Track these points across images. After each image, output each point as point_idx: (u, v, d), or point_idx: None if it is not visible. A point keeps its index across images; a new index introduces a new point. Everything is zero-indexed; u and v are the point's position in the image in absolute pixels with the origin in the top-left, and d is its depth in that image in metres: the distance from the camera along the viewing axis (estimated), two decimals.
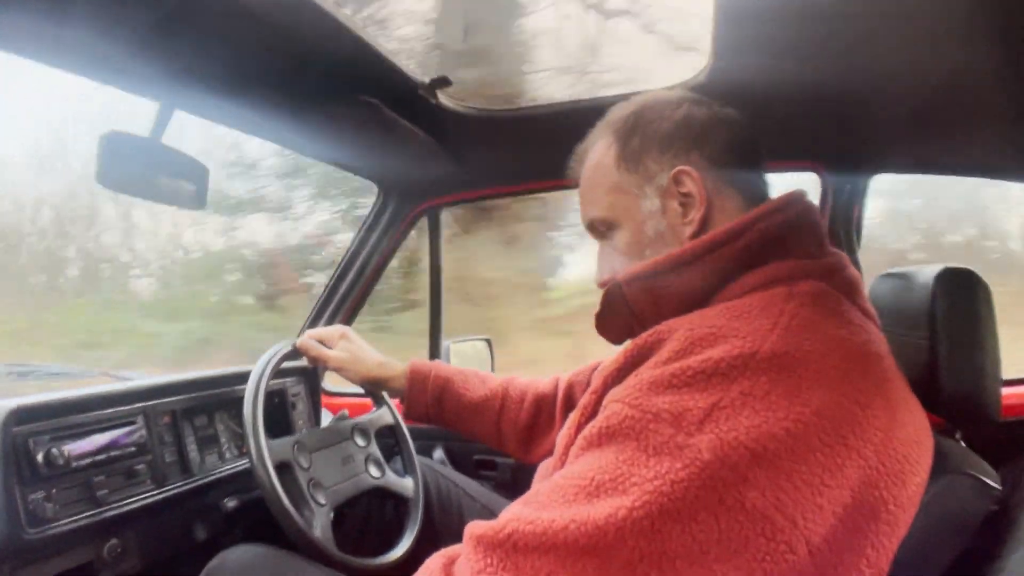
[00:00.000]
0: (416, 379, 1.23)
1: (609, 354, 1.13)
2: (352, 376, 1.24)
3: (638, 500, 0.52)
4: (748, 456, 0.52)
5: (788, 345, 0.57)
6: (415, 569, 0.69)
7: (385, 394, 1.35)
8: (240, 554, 0.97)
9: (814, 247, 0.71)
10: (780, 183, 0.81)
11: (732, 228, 0.69)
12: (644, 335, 0.66)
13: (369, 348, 1.27)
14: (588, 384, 1.14)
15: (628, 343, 0.84)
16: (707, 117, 0.76)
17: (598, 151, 0.81)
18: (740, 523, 0.51)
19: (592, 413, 0.65)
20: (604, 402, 0.62)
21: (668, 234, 0.75)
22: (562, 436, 0.69)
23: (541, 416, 1.19)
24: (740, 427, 0.53)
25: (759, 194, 0.76)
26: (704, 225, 0.73)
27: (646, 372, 0.60)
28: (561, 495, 0.57)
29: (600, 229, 0.82)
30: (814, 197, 0.93)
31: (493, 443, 1.23)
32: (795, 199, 0.73)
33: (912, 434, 0.63)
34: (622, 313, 0.74)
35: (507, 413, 1.20)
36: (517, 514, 0.58)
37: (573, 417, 0.68)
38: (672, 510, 0.51)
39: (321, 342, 1.26)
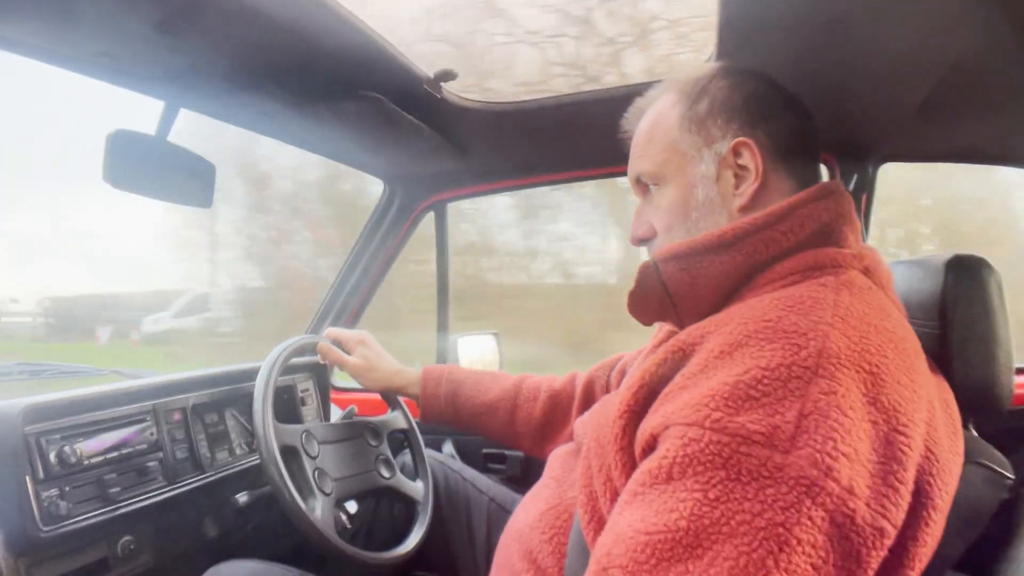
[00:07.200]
0: (429, 384, 1.23)
1: (628, 348, 1.15)
2: (368, 383, 1.26)
3: (755, 541, 0.47)
4: (847, 463, 0.49)
5: (849, 339, 0.55)
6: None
7: (399, 396, 1.36)
8: (233, 569, 0.98)
9: (852, 237, 0.71)
10: None
11: (774, 212, 0.68)
12: (689, 330, 0.64)
13: (386, 354, 1.28)
14: (608, 380, 1.13)
15: (665, 334, 0.82)
16: (777, 98, 0.76)
17: (661, 106, 0.79)
18: (851, 540, 0.49)
19: (634, 411, 0.63)
20: (658, 419, 0.58)
21: (717, 202, 0.73)
22: (596, 426, 0.68)
23: (556, 412, 1.19)
24: (832, 430, 0.50)
25: (810, 183, 0.75)
26: (754, 201, 0.72)
27: (706, 382, 0.56)
28: (653, 554, 0.51)
29: (646, 183, 0.80)
30: None
31: (508, 441, 1.23)
32: (835, 188, 0.72)
33: (951, 424, 0.63)
34: (657, 294, 0.72)
35: (521, 410, 1.20)
36: None
37: (612, 411, 0.66)
38: (792, 541, 0.47)
39: (339, 344, 1.27)
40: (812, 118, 0.78)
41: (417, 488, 1.27)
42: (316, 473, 1.08)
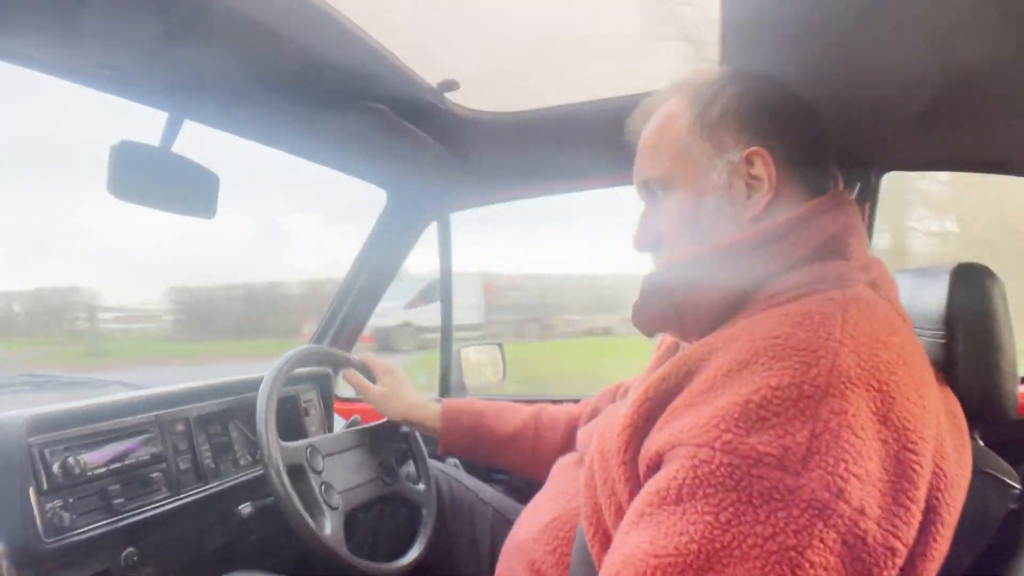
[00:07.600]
0: (450, 418, 1.23)
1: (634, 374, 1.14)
2: (387, 412, 1.27)
3: (767, 565, 0.47)
4: (858, 484, 0.49)
5: (859, 357, 0.54)
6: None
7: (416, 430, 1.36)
8: None
9: (858, 249, 0.69)
10: None
11: (783, 223, 0.67)
12: (695, 346, 0.63)
13: (410, 387, 1.29)
14: (613, 401, 1.13)
15: (666, 348, 0.81)
16: (792, 107, 0.74)
17: (670, 110, 0.77)
18: (863, 561, 0.48)
19: (637, 425, 0.62)
20: (664, 436, 0.57)
21: (727, 211, 0.71)
22: (600, 438, 0.67)
23: (575, 440, 1.18)
24: (843, 451, 0.49)
25: (821, 192, 0.73)
26: (765, 211, 0.70)
27: (715, 400, 0.55)
28: None
29: (653, 189, 0.77)
30: None
31: (530, 471, 1.21)
32: (843, 198, 0.71)
33: (959, 436, 0.62)
34: (661, 305, 0.70)
35: (543, 440, 1.20)
36: None
37: (615, 424, 0.65)
38: (804, 564, 0.47)
39: (367, 371, 1.30)
40: (821, 124, 0.76)
41: (420, 492, 1.27)
42: (323, 488, 1.09)
